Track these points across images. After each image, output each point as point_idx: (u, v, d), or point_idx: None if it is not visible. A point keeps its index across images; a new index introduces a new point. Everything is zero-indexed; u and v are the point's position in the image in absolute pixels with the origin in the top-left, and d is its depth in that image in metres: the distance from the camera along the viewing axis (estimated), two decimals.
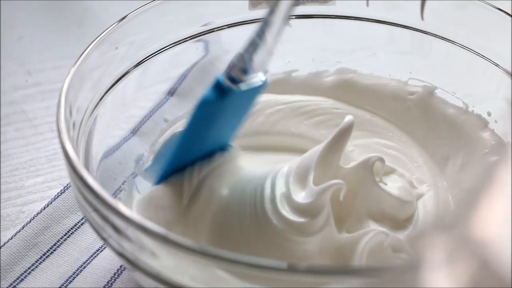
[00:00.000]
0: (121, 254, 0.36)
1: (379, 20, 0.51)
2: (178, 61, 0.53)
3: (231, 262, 0.32)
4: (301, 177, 0.43)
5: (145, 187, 0.47)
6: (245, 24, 0.51)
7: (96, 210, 0.36)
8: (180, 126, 0.50)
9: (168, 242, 0.33)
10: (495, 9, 0.47)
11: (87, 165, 0.41)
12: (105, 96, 0.45)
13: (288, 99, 0.51)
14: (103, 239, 0.37)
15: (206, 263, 0.33)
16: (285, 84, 0.53)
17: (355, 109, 0.51)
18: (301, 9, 0.51)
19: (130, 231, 0.34)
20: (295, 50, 0.54)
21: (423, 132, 0.50)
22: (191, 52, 0.53)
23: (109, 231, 0.36)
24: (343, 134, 0.44)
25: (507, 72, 0.46)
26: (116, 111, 0.47)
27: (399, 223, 0.45)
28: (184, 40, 0.50)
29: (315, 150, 0.44)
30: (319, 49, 0.53)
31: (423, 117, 0.50)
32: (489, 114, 0.48)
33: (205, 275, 0.34)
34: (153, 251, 0.34)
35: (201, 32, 0.51)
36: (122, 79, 0.47)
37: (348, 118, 0.44)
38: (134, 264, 0.35)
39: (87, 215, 0.38)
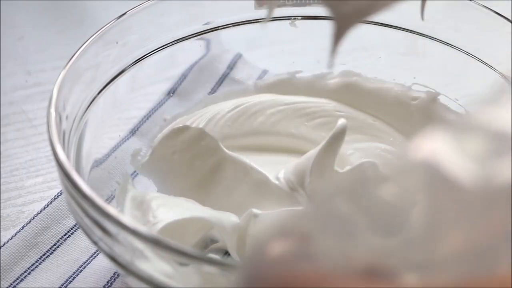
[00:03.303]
0: (114, 260, 0.36)
1: (385, 24, 0.51)
2: (178, 60, 0.53)
3: (222, 265, 0.32)
4: (298, 183, 0.44)
5: (141, 181, 0.47)
6: (248, 23, 0.51)
7: (88, 216, 0.36)
8: (180, 122, 0.50)
9: (160, 246, 0.33)
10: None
11: (78, 169, 0.41)
12: (98, 95, 0.45)
13: (291, 99, 0.51)
14: (94, 242, 0.37)
15: (198, 266, 0.33)
16: (289, 85, 0.53)
17: (357, 112, 0.51)
18: (307, 10, 0.51)
19: (122, 236, 0.34)
20: (300, 51, 0.54)
21: None
22: (192, 51, 0.53)
23: (100, 236, 0.36)
24: (337, 139, 0.44)
25: (505, 78, 0.46)
26: (114, 110, 0.47)
27: None
28: (186, 38, 0.50)
29: (310, 155, 0.44)
30: (324, 51, 0.53)
31: (425, 123, 0.50)
32: None
33: (198, 278, 0.34)
34: (146, 255, 0.34)
35: (203, 31, 0.51)
36: (118, 77, 0.47)
37: (341, 122, 0.44)
38: (127, 269, 0.35)
39: (79, 221, 0.37)
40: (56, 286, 0.43)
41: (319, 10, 0.51)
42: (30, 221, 0.46)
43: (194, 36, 0.50)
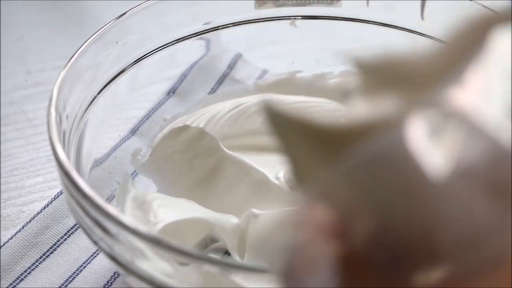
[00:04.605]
0: (114, 259, 0.36)
1: (385, 24, 0.51)
2: (178, 60, 0.53)
3: (222, 265, 0.32)
4: None
5: (142, 181, 0.47)
6: (248, 23, 0.51)
7: (88, 215, 0.36)
8: (180, 122, 0.50)
9: (160, 245, 0.33)
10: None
11: (78, 168, 0.41)
12: (98, 95, 0.45)
13: (291, 99, 0.51)
14: (94, 242, 0.37)
15: (198, 265, 0.33)
16: (289, 85, 0.53)
17: None
18: (307, 10, 0.51)
19: (122, 236, 0.34)
20: (300, 51, 0.54)
21: None
22: (192, 51, 0.53)
23: (101, 235, 0.36)
24: None
25: None
26: (114, 110, 0.47)
27: None
28: (186, 38, 0.50)
29: None
30: (324, 51, 0.53)
31: None
32: None
33: (199, 278, 0.34)
34: (146, 255, 0.34)
35: (203, 31, 0.51)
36: (118, 77, 0.47)
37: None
38: (127, 269, 0.35)
39: (79, 220, 0.37)
40: (56, 285, 0.43)
41: (319, 10, 0.51)
42: (30, 221, 0.46)
43: (194, 36, 0.50)
